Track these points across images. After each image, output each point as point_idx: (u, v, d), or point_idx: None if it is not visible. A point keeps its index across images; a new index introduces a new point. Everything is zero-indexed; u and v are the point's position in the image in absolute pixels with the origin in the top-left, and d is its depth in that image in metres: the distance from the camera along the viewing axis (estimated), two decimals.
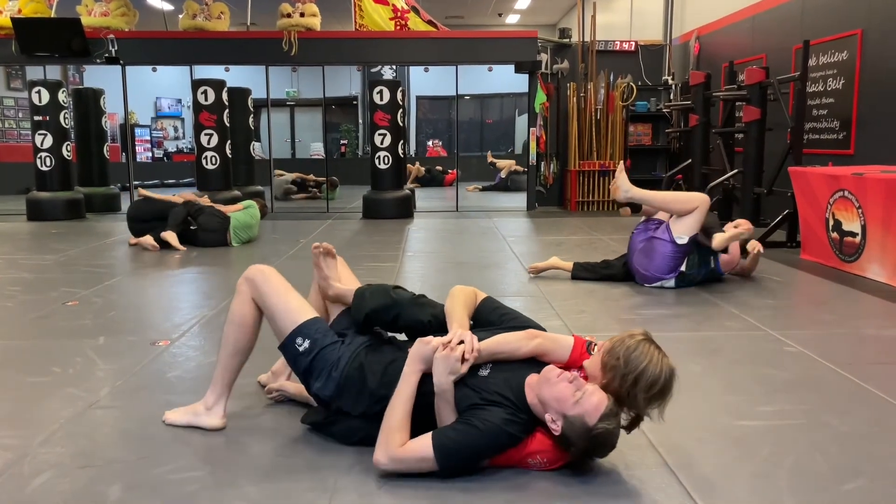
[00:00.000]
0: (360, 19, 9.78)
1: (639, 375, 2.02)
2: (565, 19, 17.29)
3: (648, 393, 2.03)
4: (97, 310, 4.25)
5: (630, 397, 2.05)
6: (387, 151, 9.12)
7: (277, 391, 2.74)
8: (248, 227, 6.97)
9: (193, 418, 2.50)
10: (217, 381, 2.51)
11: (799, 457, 2.27)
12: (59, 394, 2.84)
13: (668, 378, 2.05)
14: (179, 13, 9.90)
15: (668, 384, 2.04)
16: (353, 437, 2.33)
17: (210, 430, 2.46)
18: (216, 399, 2.50)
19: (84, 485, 2.09)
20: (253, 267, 2.56)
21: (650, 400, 2.05)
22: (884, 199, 4.82)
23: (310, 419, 2.47)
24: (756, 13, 8.41)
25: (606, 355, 2.09)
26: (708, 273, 4.84)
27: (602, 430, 1.99)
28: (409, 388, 2.17)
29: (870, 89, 6.39)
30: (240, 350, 2.49)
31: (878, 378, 2.99)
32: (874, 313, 4.20)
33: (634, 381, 2.02)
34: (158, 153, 17.45)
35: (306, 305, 2.49)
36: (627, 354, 2.05)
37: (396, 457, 2.08)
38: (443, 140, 18.05)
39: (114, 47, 9.22)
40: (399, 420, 2.12)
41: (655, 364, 2.04)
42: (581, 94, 10.21)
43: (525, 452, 2.12)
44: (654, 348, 2.08)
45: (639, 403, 2.06)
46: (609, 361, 2.07)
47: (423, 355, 2.17)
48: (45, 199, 9.04)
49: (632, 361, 2.04)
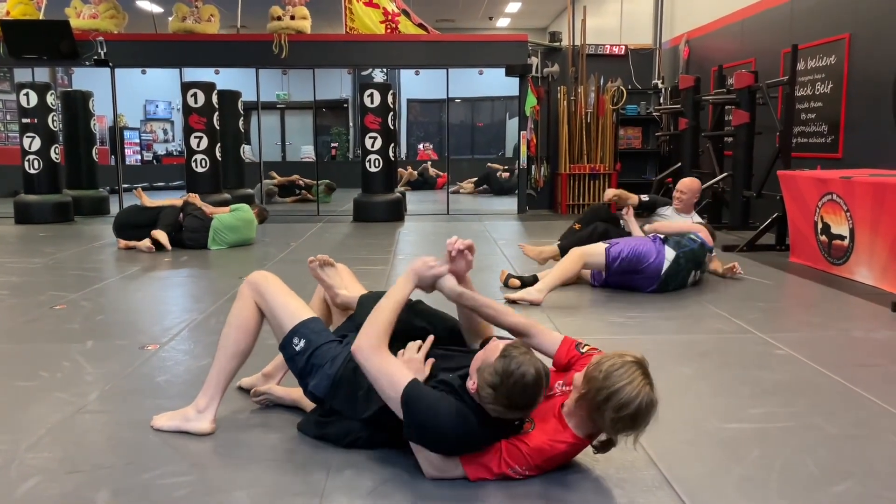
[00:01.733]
0: (350, 22, 9.78)
1: (612, 393, 1.94)
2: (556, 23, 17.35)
3: (617, 413, 1.94)
4: (86, 313, 4.23)
5: (598, 412, 1.98)
6: (377, 154, 9.11)
7: (264, 395, 2.71)
8: (234, 230, 6.84)
9: (183, 423, 2.47)
10: (210, 384, 2.49)
11: (788, 459, 2.28)
12: (46, 398, 2.82)
13: (644, 406, 1.95)
14: (169, 15, 9.85)
15: (640, 411, 1.95)
16: (347, 438, 2.32)
17: (199, 436, 2.44)
18: (207, 402, 2.47)
19: (72, 490, 2.08)
20: (256, 272, 2.58)
21: (617, 421, 1.96)
22: (871, 203, 4.85)
23: (305, 427, 2.45)
24: (745, 17, 8.46)
25: (592, 366, 2.04)
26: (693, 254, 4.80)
27: (505, 365, 1.96)
28: (400, 294, 2.27)
29: (858, 93, 6.44)
30: (238, 353, 2.49)
31: (866, 380, 3.01)
32: (862, 316, 4.22)
33: (607, 398, 1.94)
34: (148, 156, 17.39)
35: (306, 308, 2.51)
36: (611, 370, 1.98)
37: (374, 355, 2.14)
38: (434, 143, 18.07)
39: (103, 49, 9.17)
40: (385, 321, 2.20)
41: (634, 388, 1.95)
42: (571, 98, 10.23)
43: (498, 465, 2.09)
44: (639, 373, 1.98)
45: (605, 421, 1.98)
46: (592, 373, 2.01)
47: (417, 269, 2.31)
48: (33, 202, 8.98)
49: (611, 377, 1.96)
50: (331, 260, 2.78)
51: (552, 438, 2.08)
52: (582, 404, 2.03)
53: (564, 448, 2.09)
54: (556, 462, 2.12)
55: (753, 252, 6.30)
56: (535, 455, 2.08)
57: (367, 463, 2.22)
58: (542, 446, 2.08)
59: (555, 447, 2.08)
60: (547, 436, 2.09)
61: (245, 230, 6.99)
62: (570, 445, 2.09)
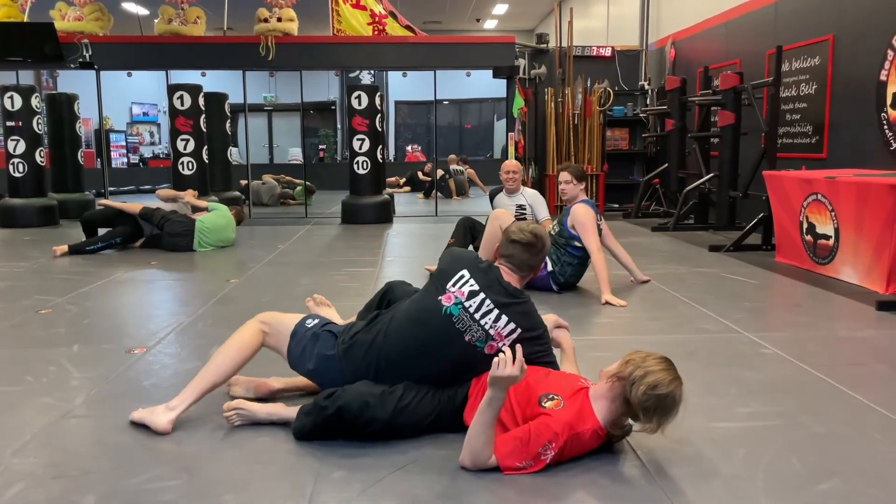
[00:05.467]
0: (337, 24, 9.77)
1: (649, 373, 2.14)
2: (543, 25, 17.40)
3: (650, 390, 2.11)
4: (71, 318, 4.20)
5: (632, 387, 2.14)
6: (365, 156, 9.10)
7: (235, 410, 2.51)
8: (218, 230, 6.85)
9: (147, 415, 2.51)
10: (189, 389, 2.53)
11: (774, 458, 2.30)
12: (32, 403, 2.80)
13: (673, 393, 2.14)
14: (155, 18, 9.81)
15: (669, 395, 2.13)
16: (360, 401, 2.32)
17: (156, 433, 2.45)
18: (178, 403, 2.50)
19: (58, 495, 2.06)
20: (262, 313, 2.72)
21: (648, 397, 2.12)
22: (856, 203, 4.90)
23: (304, 422, 2.40)
24: (730, 19, 8.52)
25: (631, 354, 2.24)
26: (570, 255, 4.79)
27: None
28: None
29: (841, 94, 6.49)
30: (225, 369, 2.57)
31: (851, 379, 3.04)
32: (848, 315, 4.26)
33: (643, 376, 2.13)
34: (134, 159, 17.29)
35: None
36: (648, 359, 2.19)
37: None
38: (422, 145, 18.07)
39: (88, 52, 9.12)
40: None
41: (669, 375, 2.16)
42: (559, 99, 10.26)
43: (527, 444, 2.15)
44: (673, 370, 2.20)
45: (638, 398, 2.13)
46: (631, 357, 2.22)
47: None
48: (18, 206, 8.91)
49: (649, 362, 2.18)
50: (326, 301, 3.14)
51: (582, 416, 2.21)
52: (616, 383, 2.19)
53: (591, 427, 2.20)
54: (578, 445, 2.20)
55: (740, 252, 6.34)
56: (566, 426, 2.17)
57: (356, 465, 2.22)
58: (572, 420, 2.18)
59: (587, 422, 2.20)
60: (578, 414, 2.21)
61: (227, 230, 7.01)
62: (592, 432, 2.20)
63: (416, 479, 2.12)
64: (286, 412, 2.51)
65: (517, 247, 2.57)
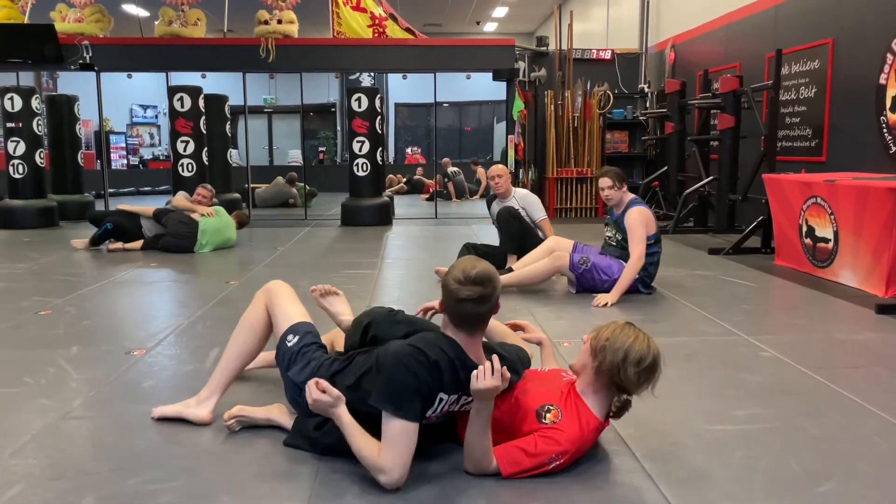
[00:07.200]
0: (337, 26, 9.77)
1: (627, 352, 2.14)
2: (542, 28, 17.43)
3: (639, 367, 2.13)
4: (70, 319, 4.20)
5: (621, 373, 2.14)
6: (365, 158, 9.11)
7: (236, 417, 2.52)
8: (219, 232, 6.89)
9: (183, 409, 2.59)
10: (213, 380, 2.62)
11: (772, 460, 2.30)
12: (31, 404, 2.80)
13: (656, 355, 2.17)
14: (155, 20, 9.81)
15: (656, 360, 2.16)
16: (326, 424, 2.27)
17: (198, 424, 2.53)
18: (209, 395, 2.59)
19: (56, 497, 2.06)
20: (273, 281, 2.75)
21: (640, 374, 2.14)
22: (855, 206, 4.90)
23: (296, 441, 2.40)
24: (730, 22, 8.53)
25: (593, 340, 2.22)
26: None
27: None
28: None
29: (841, 97, 6.50)
30: (244, 353, 2.64)
31: (849, 382, 3.04)
32: (846, 318, 4.26)
33: (624, 357, 2.13)
34: (134, 160, 17.29)
35: (306, 316, 2.63)
36: (613, 336, 2.19)
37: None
38: (422, 147, 18.08)
39: (88, 54, 9.12)
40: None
41: (640, 342, 2.17)
42: (558, 102, 10.27)
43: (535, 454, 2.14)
44: (634, 330, 2.21)
45: (629, 378, 2.14)
46: (597, 344, 2.20)
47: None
48: (17, 207, 8.91)
49: (617, 340, 2.17)
50: (333, 289, 2.83)
51: (584, 421, 2.20)
52: (601, 373, 2.19)
53: (596, 425, 2.21)
54: (587, 446, 2.23)
55: (739, 255, 6.34)
56: (574, 440, 2.17)
57: (354, 469, 2.21)
58: (579, 432, 2.18)
59: (590, 424, 2.20)
60: (579, 421, 2.20)
61: (228, 231, 7.05)
62: (596, 430, 2.23)
63: (415, 480, 2.12)
64: (285, 418, 2.52)
65: (469, 304, 2.12)
